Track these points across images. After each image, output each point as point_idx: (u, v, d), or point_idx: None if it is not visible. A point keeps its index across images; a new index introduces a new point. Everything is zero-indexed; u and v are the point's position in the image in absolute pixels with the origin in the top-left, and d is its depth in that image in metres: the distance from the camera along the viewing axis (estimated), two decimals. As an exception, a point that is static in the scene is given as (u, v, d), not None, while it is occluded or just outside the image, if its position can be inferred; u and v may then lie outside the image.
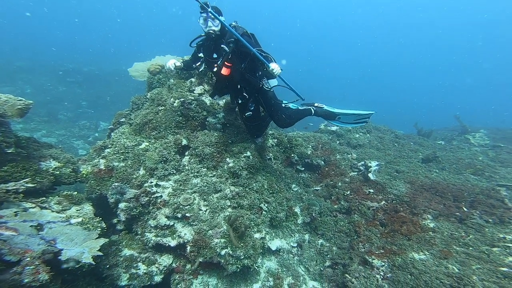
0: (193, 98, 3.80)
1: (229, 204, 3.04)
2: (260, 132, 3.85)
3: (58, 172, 2.66)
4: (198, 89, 3.97)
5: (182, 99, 3.69)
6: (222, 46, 2.97)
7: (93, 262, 2.12)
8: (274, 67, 2.83)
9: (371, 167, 4.65)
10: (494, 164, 5.61)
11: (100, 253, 2.23)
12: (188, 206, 2.91)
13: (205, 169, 3.30)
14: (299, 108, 3.64)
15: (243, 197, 3.14)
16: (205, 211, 2.94)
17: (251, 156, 3.51)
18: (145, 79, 4.67)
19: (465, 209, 3.82)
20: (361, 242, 3.49)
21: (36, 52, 15.17)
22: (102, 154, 3.34)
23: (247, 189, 3.25)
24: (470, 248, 3.14)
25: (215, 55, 3.12)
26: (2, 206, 2.13)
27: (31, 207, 2.31)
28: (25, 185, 2.21)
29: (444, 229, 3.45)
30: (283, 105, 3.56)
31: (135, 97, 4.18)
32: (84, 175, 2.96)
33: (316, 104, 3.71)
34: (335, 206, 4.11)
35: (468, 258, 2.96)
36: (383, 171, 4.83)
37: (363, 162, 4.83)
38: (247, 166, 3.39)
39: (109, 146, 3.43)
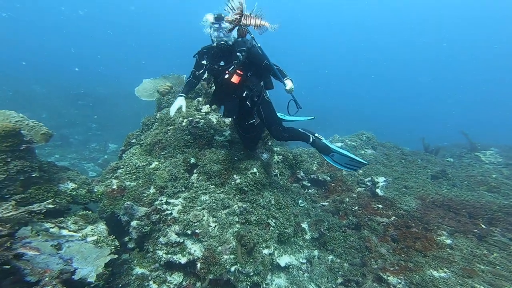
0: (200, 117, 4.07)
1: (237, 220, 3.19)
2: (255, 143, 3.96)
3: (74, 193, 2.89)
4: (205, 108, 4.26)
5: (190, 118, 3.95)
6: (237, 54, 3.12)
7: (92, 281, 2.23)
8: (290, 85, 3.00)
9: (378, 182, 4.80)
10: (510, 182, 5.54)
11: (102, 271, 2.35)
12: (198, 223, 3.07)
13: (213, 186, 3.49)
14: (300, 129, 3.79)
15: (250, 213, 3.29)
16: (214, 227, 3.09)
17: (257, 173, 3.70)
18: (153, 99, 4.96)
19: (483, 226, 3.79)
20: (373, 258, 3.54)
21: (53, 73, 16.12)
22: (115, 175, 3.57)
23: (254, 205, 3.40)
24: (498, 267, 3.06)
25: (222, 63, 3.24)
26: (26, 227, 2.33)
27: (51, 227, 2.52)
28: (47, 206, 2.43)
29: (462, 246, 3.42)
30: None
31: (145, 118, 4.47)
32: (99, 195, 3.18)
33: (316, 134, 3.84)
34: (344, 222, 4.19)
35: (498, 278, 2.89)
36: (391, 187, 4.93)
37: (369, 178, 4.97)
38: (254, 182, 3.57)
39: (121, 166, 3.67)
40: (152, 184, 3.41)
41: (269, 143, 4.41)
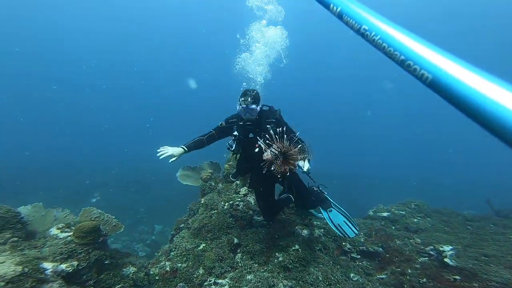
0: (239, 199, 4.63)
1: (283, 299, 3.33)
2: (274, 215, 3.99)
3: (135, 277, 3.43)
4: (243, 190, 4.86)
5: (231, 202, 4.54)
6: (267, 126, 3.16)
7: None
8: (306, 167, 2.86)
9: (444, 251, 4.56)
10: None
11: None
12: (244, 304, 3.28)
13: (256, 265, 3.75)
14: (313, 188, 3.97)
15: (297, 291, 3.41)
16: (261, 308, 3.26)
17: (300, 249, 3.91)
18: (196, 185, 5.71)
19: None
20: None
21: (108, 163, 19.12)
22: (168, 257, 4.06)
23: (300, 282, 3.51)
24: None
25: (251, 135, 3.36)
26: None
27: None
28: (116, 290, 2.98)
29: None
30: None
31: (191, 204, 5.19)
32: (155, 277, 3.65)
33: (320, 188, 4.00)
34: None
35: None
36: (463, 255, 4.58)
37: (431, 247, 4.74)
38: (297, 259, 3.76)
39: (173, 249, 4.18)
40: (201, 265, 3.81)
41: (308, 218, 4.69)
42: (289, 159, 2.84)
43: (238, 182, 4.99)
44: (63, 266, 2.83)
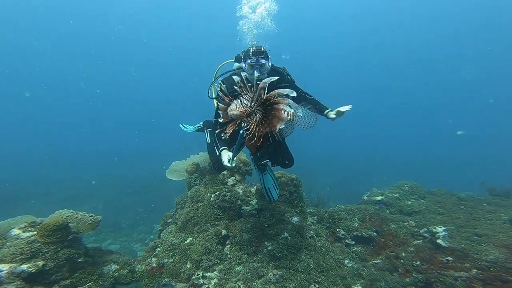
0: (227, 190, 4.45)
1: (274, 289, 3.13)
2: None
3: (117, 274, 3.22)
4: (231, 180, 4.68)
5: (218, 193, 4.36)
6: None
7: None
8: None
9: (437, 233, 4.51)
10: None
11: None
12: (234, 296, 3.06)
13: (246, 256, 3.59)
14: None
15: (288, 279, 3.24)
16: (251, 299, 3.05)
17: (289, 237, 3.76)
18: (183, 179, 5.47)
19: None
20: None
21: (106, 167, 18.84)
22: (154, 253, 3.89)
23: (291, 270, 3.37)
24: None
25: None
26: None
27: (95, 309, 2.76)
28: (89, 288, 2.73)
29: None
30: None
31: (178, 198, 4.97)
32: (139, 274, 3.46)
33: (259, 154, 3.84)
34: (407, 280, 3.86)
35: None
36: (456, 236, 4.52)
37: (426, 229, 4.68)
38: (287, 247, 3.60)
39: (159, 245, 4.01)
40: (188, 259, 3.64)
41: (300, 205, 4.51)
42: (275, 111, 1.73)
43: (225, 172, 4.77)
44: (24, 267, 2.59)
